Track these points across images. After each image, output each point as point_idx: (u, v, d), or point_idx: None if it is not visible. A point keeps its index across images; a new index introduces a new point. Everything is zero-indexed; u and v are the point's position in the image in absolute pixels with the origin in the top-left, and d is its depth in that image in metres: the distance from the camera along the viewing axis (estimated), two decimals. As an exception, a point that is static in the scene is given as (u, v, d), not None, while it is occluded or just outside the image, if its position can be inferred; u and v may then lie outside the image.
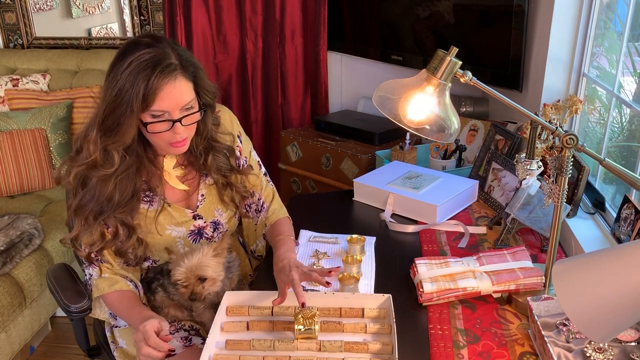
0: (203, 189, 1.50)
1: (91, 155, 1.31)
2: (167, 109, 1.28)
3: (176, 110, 1.29)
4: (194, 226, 1.48)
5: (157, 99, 1.25)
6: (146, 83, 1.23)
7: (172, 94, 1.27)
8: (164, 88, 1.25)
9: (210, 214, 1.50)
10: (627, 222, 1.42)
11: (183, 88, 1.29)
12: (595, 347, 1.09)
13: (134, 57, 1.25)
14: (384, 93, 1.27)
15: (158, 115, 1.28)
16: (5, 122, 2.79)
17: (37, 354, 2.44)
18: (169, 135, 1.31)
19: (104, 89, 1.29)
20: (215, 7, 2.92)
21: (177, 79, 1.27)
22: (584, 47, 1.84)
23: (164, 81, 1.25)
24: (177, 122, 1.29)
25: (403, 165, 1.98)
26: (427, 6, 2.46)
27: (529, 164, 1.32)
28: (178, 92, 1.28)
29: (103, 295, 1.43)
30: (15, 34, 3.26)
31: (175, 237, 1.46)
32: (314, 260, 1.49)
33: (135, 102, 1.24)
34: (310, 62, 2.99)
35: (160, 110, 1.27)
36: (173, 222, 1.45)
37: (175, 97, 1.28)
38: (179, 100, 1.29)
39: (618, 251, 0.84)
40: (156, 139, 1.33)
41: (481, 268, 1.33)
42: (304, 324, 1.15)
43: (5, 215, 2.36)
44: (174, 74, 1.27)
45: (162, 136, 1.31)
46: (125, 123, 1.27)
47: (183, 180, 1.47)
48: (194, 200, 1.50)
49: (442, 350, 1.16)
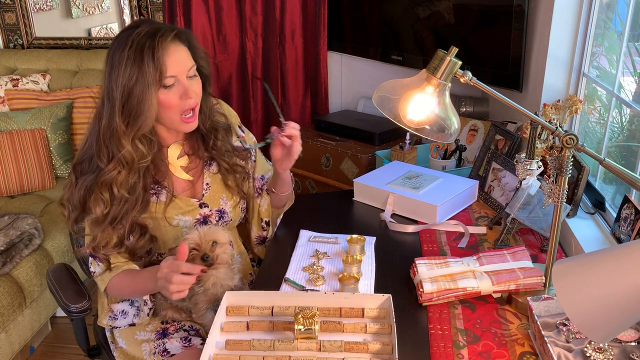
0: (207, 177, 1.52)
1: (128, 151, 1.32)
2: (176, 74, 1.32)
3: (183, 75, 1.33)
4: (200, 215, 1.49)
5: (168, 65, 1.29)
6: (152, 52, 1.27)
7: (178, 57, 1.32)
8: (170, 52, 1.30)
9: (216, 202, 1.52)
10: (627, 222, 1.42)
11: (184, 52, 1.35)
12: (595, 347, 1.09)
13: (131, 37, 1.29)
14: (384, 93, 1.27)
15: (169, 85, 1.32)
16: (5, 122, 2.79)
17: (37, 354, 2.44)
18: (181, 103, 1.34)
19: (111, 79, 1.30)
20: (215, 7, 2.92)
21: (177, 43, 1.33)
22: (584, 47, 1.84)
23: (167, 46, 1.30)
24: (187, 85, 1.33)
25: (403, 165, 1.98)
26: (427, 6, 2.46)
27: (529, 164, 1.32)
28: (182, 55, 1.34)
29: (109, 286, 1.44)
30: (15, 34, 3.27)
31: (182, 227, 1.47)
32: (314, 260, 1.49)
33: (149, 75, 1.27)
34: (310, 62, 2.99)
35: (171, 76, 1.31)
36: (180, 212, 1.47)
37: (181, 60, 1.33)
38: (185, 64, 1.34)
39: (618, 251, 0.84)
40: (170, 112, 1.35)
41: (481, 268, 1.33)
42: (304, 324, 1.15)
43: (5, 215, 2.36)
44: (173, 38, 1.32)
45: (175, 107, 1.34)
46: (147, 101, 1.29)
47: (187, 170, 1.49)
48: (198, 189, 1.51)
49: (442, 350, 1.16)
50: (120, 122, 1.30)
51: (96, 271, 1.44)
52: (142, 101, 1.29)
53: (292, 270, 1.45)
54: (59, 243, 2.46)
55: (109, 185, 1.34)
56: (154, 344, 1.45)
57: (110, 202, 1.35)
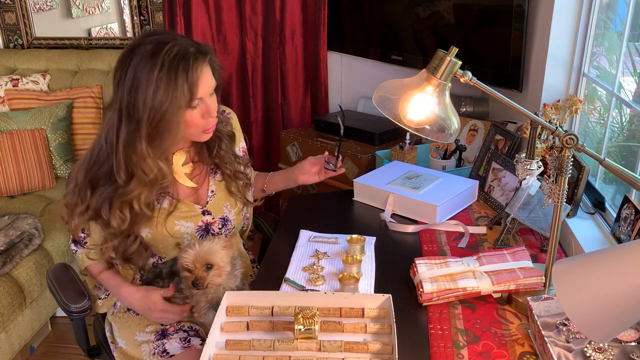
0: (213, 185, 1.53)
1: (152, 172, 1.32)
2: (203, 95, 1.32)
3: (207, 95, 1.33)
4: (202, 222, 1.50)
5: (199, 87, 1.29)
6: (187, 75, 1.26)
7: (207, 79, 1.32)
8: (202, 75, 1.30)
9: (220, 210, 1.52)
10: (627, 222, 1.42)
11: (209, 72, 1.34)
12: (595, 347, 1.09)
13: (160, 57, 1.24)
14: (384, 93, 1.27)
15: (195, 106, 1.31)
16: (5, 122, 2.79)
17: (37, 354, 2.45)
18: (204, 122, 1.35)
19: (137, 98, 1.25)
20: (215, 7, 2.92)
21: (206, 64, 1.32)
22: (584, 47, 1.84)
23: (200, 68, 1.29)
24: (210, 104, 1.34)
25: (403, 165, 1.98)
26: (427, 6, 2.46)
27: (529, 164, 1.32)
28: (209, 76, 1.34)
29: (91, 266, 1.50)
30: (15, 34, 3.27)
31: (183, 232, 1.47)
32: (314, 260, 1.49)
33: (181, 97, 1.26)
34: (310, 62, 2.99)
35: (199, 97, 1.31)
36: (182, 217, 1.47)
37: (209, 81, 1.33)
38: (211, 84, 1.34)
39: (618, 251, 0.84)
40: (192, 130, 1.35)
41: (481, 268, 1.33)
42: (304, 324, 1.15)
43: (5, 215, 2.36)
44: (203, 59, 1.31)
45: (198, 124, 1.34)
46: (177, 124, 1.28)
47: (191, 177, 1.50)
48: (203, 196, 1.52)
49: (442, 350, 1.16)
50: (145, 144, 1.28)
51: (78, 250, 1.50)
52: (172, 124, 1.27)
53: (292, 270, 1.45)
54: (59, 243, 2.46)
55: (130, 203, 1.35)
56: (153, 344, 1.45)
57: (129, 218, 1.36)
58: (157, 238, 1.45)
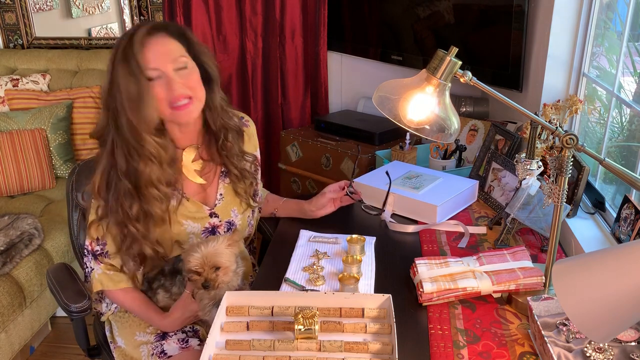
0: (222, 188, 1.53)
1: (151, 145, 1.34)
2: (158, 66, 1.32)
3: (167, 65, 1.33)
4: (209, 224, 1.50)
5: (148, 57, 1.30)
6: (132, 48, 1.29)
7: (160, 49, 1.33)
8: (150, 44, 1.32)
9: (227, 213, 1.53)
10: (627, 222, 1.42)
11: (169, 44, 1.35)
12: (595, 347, 1.09)
13: (117, 43, 1.34)
14: (384, 93, 1.27)
15: (154, 78, 1.32)
16: (5, 122, 2.79)
17: (37, 354, 2.45)
18: (168, 95, 1.33)
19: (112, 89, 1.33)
20: (215, 7, 2.92)
21: (160, 36, 1.34)
22: (584, 47, 1.84)
23: (146, 39, 1.32)
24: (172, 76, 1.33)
25: (403, 165, 1.98)
26: (427, 6, 2.46)
27: (529, 164, 1.32)
28: (164, 48, 1.34)
29: (109, 292, 1.48)
30: (15, 34, 3.27)
31: (189, 232, 1.48)
32: (314, 260, 1.49)
33: (135, 70, 1.29)
34: (310, 62, 2.99)
35: (154, 68, 1.31)
36: (190, 217, 1.47)
37: (163, 52, 1.33)
38: (166, 54, 1.33)
39: (618, 251, 0.84)
40: (161, 106, 1.35)
41: (481, 268, 1.33)
42: (304, 324, 1.15)
43: (5, 215, 2.36)
44: (153, 31, 1.33)
45: (163, 100, 1.34)
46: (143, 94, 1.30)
47: (200, 174, 1.50)
48: (211, 197, 1.52)
49: (442, 350, 1.16)
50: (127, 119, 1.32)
51: (96, 269, 1.46)
52: (140, 95, 1.30)
53: (292, 270, 1.45)
54: (59, 243, 2.46)
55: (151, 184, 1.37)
56: (151, 345, 1.45)
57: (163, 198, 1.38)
58: (164, 237, 1.46)
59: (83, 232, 1.68)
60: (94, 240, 1.44)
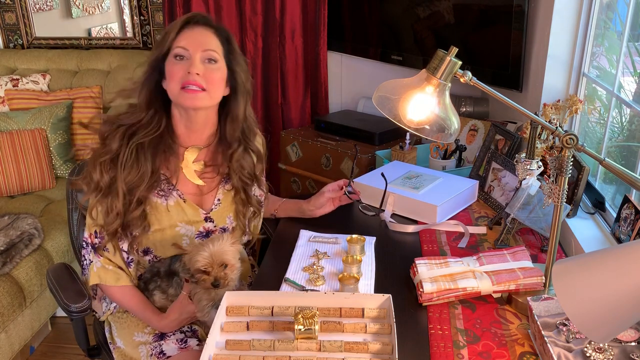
0: (220, 194, 1.52)
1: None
2: (188, 47, 1.35)
3: (197, 51, 1.36)
4: (204, 228, 1.50)
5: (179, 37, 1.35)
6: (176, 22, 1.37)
7: (197, 34, 1.37)
8: (188, 28, 1.37)
9: (222, 219, 1.53)
10: (627, 222, 1.42)
11: (208, 36, 1.39)
12: (595, 347, 1.09)
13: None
14: (384, 93, 1.27)
15: (181, 56, 1.35)
16: (5, 122, 2.79)
17: (37, 354, 2.45)
18: (183, 73, 1.35)
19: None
20: (215, 7, 2.92)
21: (204, 28, 1.39)
22: (584, 47, 1.84)
23: (189, 24, 1.37)
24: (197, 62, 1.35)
25: (403, 165, 1.98)
26: (427, 6, 2.46)
27: (529, 164, 1.32)
28: (202, 36, 1.37)
29: (107, 287, 1.47)
30: (15, 34, 3.27)
31: (182, 234, 1.47)
32: (314, 260, 1.49)
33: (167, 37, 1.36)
34: (310, 62, 2.98)
35: (181, 47, 1.35)
36: (185, 220, 1.47)
37: (198, 38, 1.37)
38: (202, 42, 1.37)
39: (618, 251, 0.84)
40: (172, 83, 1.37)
41: (481, 268, 1.33)
42: (304, 324, 1.14)
43: (5, 215, 2.36)
44: (203, 23, 1.39)
45: (178, 75, 1.35)
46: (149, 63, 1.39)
47: (200, 176, 1.49)
48: (209, 202, 1.52)
49: (442, 350, 1.16)
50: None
51: (95, 262, 1.46)
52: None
53: (292, 270, 1.45)
54: (59, 243, 2.46)
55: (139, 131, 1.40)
56: (150, 346, 1.45)
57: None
58: (157, 238, 1.45)
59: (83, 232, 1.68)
60: (92, 233, 1.44)
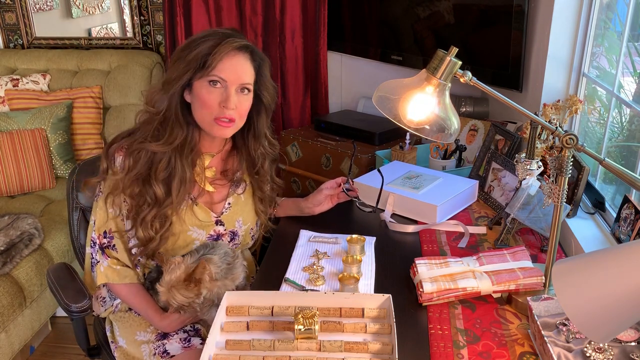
0: (231, 198, 1.55)
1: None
2: (227, 79, 1.34)
3: (235, 85, 1.35)
4: (214, 231, 1.52)
5: (220, 65, 1.32)
6: (213, 45, 1.32)
7: (235, 66, 1.34)
8: (229, 57, 1.33)
9: (232, 223, 1.54)
10: (627, 222, 1.42)
11: (246, 67, 1.37)
12: (595, 347, 1.09)
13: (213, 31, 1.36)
14: (384, 93, 1.27)
15: (216, 82, 1.34)
16: (5, 122, 2.79)
17: (37, 354, 2.45)
18: (218, 107, 1.35)
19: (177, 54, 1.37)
20: (215, 7, 2.92)
21: (244, 57, 1.36)
22: (584, 47, 1.84)
23: (231, 51, 1.33)
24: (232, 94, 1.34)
25: (403, 165, 1.98)
26: (427, 6, 2.46)
27: (529, 164, 1.32)
28: (241, 67, 1.36)
29: (113, 285, 1.49)
30: (15, 34, 3.27)
31: (194, 238, 1.48)
32: (314, 260, 1.49)
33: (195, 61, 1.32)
34: (310, 62, 2.98)
35: (220, 77, 1.33)
36: (196, 224, 1.48)
37: (237, 70, 1.35)
38: (240, 75, 1.35)
39: (618, 251, 0.84)
40: (204, 111, 1.36)
41: (481, 268, 1.33)
42: (304, 324, 1.15)
43: (5, 215, 2.36)
44: (243, 51, 1.35)
45: (212, 105, 1.35)
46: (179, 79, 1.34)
47: (211, 182, 1.51)
48: (219, 205, 1.54)
49: (442, 350, 1.16)
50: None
51: (102, 262, 1.46)
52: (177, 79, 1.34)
53: (292, 270, 1.46)
54: (59, 243, 2.46)
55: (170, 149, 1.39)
56: (153, 345, 1.46)
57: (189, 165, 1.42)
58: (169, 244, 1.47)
59: (83, 232, 1.68)
60: (101, 234, 1.45)
